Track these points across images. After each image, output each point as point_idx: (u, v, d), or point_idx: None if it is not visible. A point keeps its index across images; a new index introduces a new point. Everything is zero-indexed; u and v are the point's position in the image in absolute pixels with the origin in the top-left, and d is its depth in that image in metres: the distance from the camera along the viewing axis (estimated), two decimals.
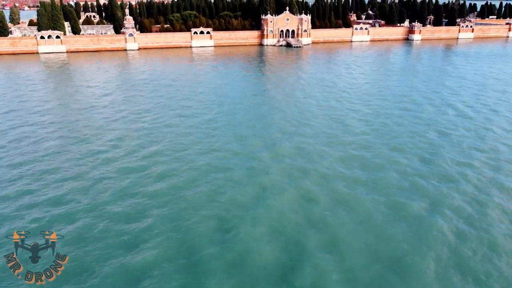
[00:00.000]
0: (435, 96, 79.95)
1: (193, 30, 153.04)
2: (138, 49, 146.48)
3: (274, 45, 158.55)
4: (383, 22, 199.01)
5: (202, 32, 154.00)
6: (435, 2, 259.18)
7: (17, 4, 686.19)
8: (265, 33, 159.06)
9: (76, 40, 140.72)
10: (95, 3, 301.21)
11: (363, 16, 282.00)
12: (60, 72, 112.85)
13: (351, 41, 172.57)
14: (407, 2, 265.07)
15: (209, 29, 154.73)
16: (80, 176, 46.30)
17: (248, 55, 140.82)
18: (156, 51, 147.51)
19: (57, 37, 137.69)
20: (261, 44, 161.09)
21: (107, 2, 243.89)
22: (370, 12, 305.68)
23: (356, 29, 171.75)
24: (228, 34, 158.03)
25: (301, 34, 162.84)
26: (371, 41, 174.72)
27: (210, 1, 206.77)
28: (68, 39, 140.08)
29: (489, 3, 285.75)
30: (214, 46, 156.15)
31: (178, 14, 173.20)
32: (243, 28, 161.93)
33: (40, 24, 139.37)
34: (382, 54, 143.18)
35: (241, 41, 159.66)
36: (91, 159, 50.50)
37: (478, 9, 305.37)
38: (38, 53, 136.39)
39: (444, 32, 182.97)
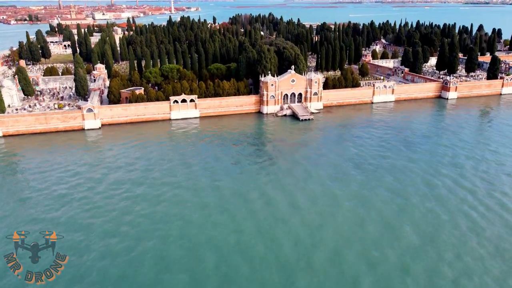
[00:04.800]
0: None
1: (173, 98, 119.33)
2: (100, 127, 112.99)
3: (276, 115, 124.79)
4: (406, 69, 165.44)
5: (184, 100, 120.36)
6: (462, 40, 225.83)
7: (4, 17, 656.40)
8: (264, 98, 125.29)
9: (16, 120, 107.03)
10: (76, 36, 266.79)
11: (377, 47, 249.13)
12: None
13: (372, 102, 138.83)
14: (427, 35, 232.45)
15: (193, 97, 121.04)
16: None
17: (241, 134, 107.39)
18: (124, 128, 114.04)
19: None
20: (259, 112, 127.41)
21: (82, 38, 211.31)
22: (383, 41, 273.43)
23: (377, 88, 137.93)
24: (218, 102, 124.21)
25: (311, 98, 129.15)
26: (396, 101, 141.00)
27: (198, 43, 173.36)
28: (4, 119, 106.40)
29: None
30: (200, 117, 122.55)
31: (157, 69, 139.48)
32: (237, 92, 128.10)
33: None
34: (410, 129, 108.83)
35: (235, 108, 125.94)
36: None
37: (505, 36, 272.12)
38: None
39: (484, 87, 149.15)
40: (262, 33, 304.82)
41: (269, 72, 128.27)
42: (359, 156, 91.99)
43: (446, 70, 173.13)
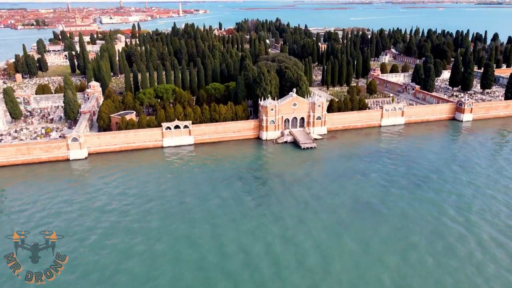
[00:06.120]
0: None
1: (165, 124, 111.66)
2: (87, 157, 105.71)
3: (276, 141, 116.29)
4: (417, 86, 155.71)
5: (177, 127, 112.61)
6: (476, 51, 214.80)
7: (12, 21, 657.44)
8: (264, 124, 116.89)
9: None
10: (77, 44, 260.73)
11: (387, 57, 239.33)
12: None
13: (380, 126, 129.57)
14: (439, 46, 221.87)
15: (187, 123, 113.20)
16: None
17: (236, 166, 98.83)
18: (112, 157, 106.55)
19: None
20: (258, 138, 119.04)
21: (79, 51, 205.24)
22: (393, 50, 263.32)
23: (386, 110, 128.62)
24: (214, 127, 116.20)
25: (314, 122, 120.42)
26: (406, 124, 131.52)
27: (198, 59, 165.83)
28: None
29: None
30: (195, 144, 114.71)
31: (151, 90, 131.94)
32: (235, 116, 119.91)
33: None
34: (422, 161, 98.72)
35: (232, 134, 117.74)
36: None
37: None
38: None
39: (502, 108, 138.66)
40: (268, 41, 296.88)
41: (269, 95, 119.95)
42: (365, 198, 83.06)
43: (460, 87, 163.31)
